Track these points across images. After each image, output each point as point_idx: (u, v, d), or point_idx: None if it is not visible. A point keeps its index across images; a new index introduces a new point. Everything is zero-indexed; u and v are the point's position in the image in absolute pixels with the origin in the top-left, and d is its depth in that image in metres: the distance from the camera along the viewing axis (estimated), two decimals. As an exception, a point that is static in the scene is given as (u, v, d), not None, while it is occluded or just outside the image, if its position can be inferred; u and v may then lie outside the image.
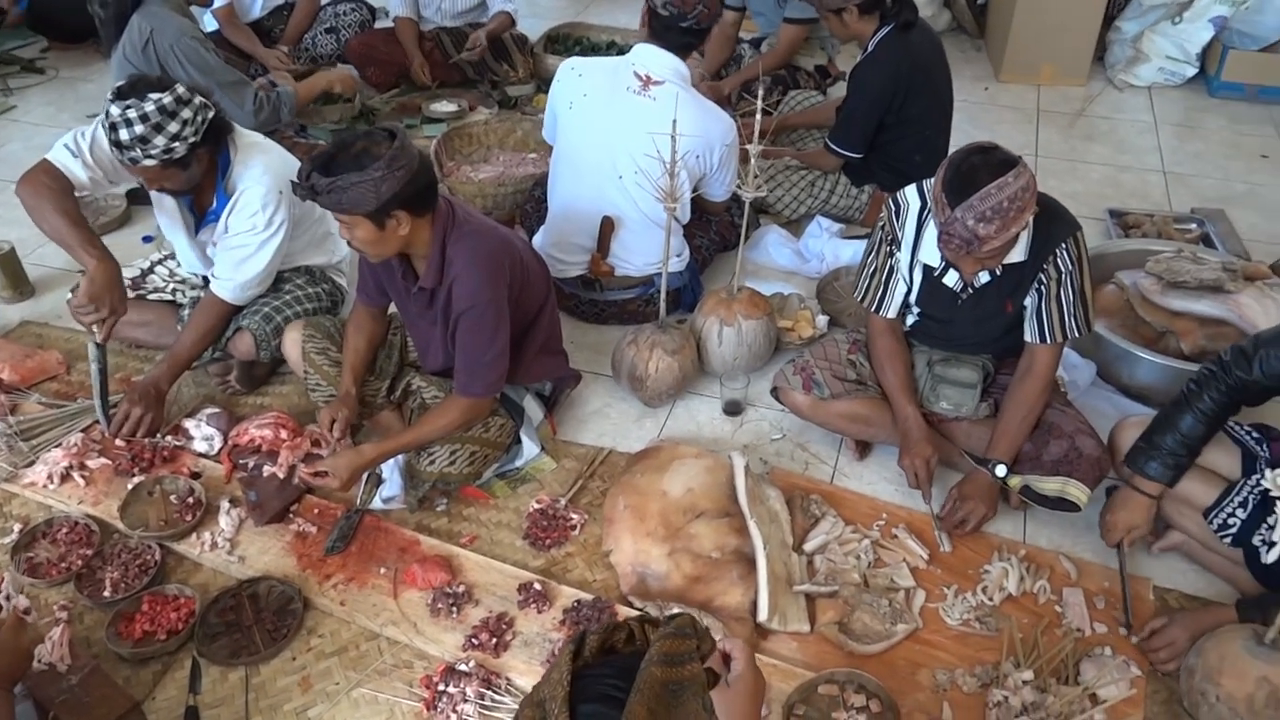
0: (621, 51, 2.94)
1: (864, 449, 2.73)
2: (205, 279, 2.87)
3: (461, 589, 2.26)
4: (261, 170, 2.63)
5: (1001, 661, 2.15)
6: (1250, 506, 2.22)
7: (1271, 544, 1.90)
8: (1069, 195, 3.98)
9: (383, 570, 2.34)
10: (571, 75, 2.93)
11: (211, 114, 2.52)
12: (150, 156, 2.43)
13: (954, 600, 2.30)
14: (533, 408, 2.66)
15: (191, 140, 2.47)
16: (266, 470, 2.55)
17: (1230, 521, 2.25)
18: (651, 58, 2.83)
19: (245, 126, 3.14)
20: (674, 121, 2.42)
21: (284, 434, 2.63)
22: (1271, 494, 1.78)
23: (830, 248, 3.46)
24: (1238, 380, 2.18)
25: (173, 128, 2.42)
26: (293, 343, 2.66)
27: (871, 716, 2.00)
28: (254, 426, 2.66)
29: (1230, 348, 2.23)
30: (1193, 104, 4.80)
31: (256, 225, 2.65)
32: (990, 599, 2.31)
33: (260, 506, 2.47)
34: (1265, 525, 2.14)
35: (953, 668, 2.15)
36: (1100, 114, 4.72)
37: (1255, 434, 2.32)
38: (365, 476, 2.50)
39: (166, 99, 2.41)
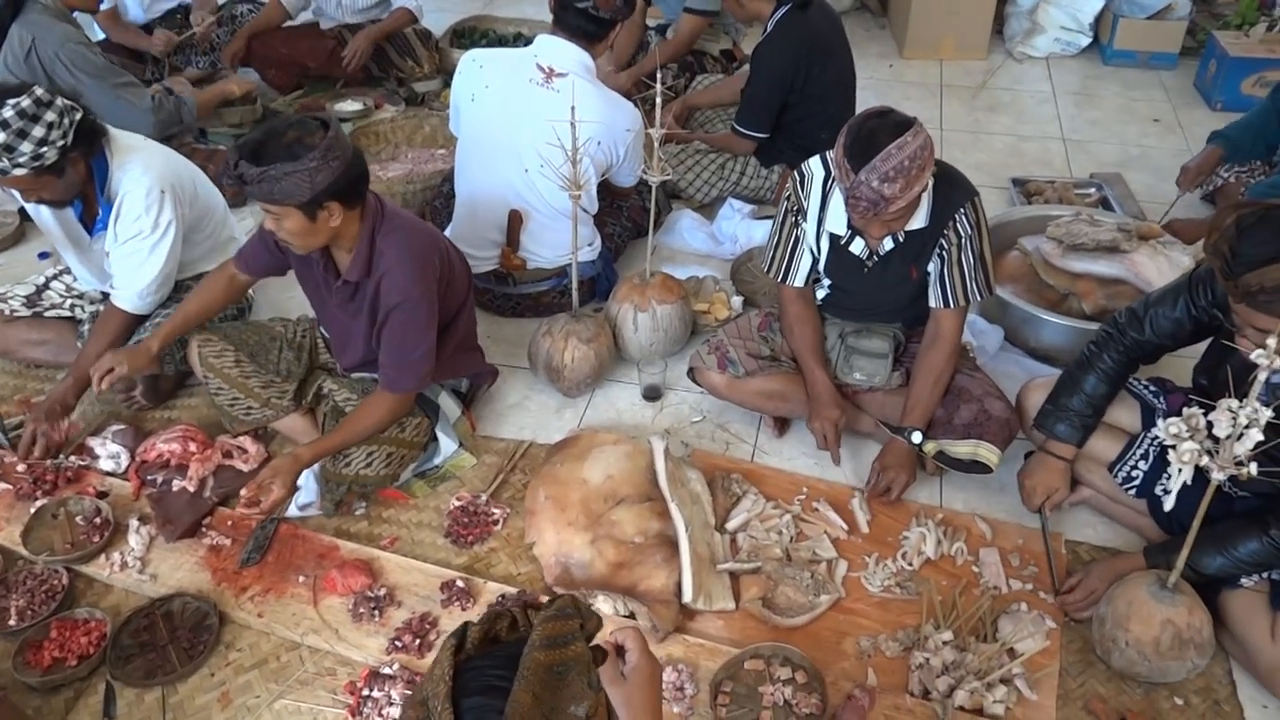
0: (529, 43, 2.90)
1: (782, 425, 2.76)
2: (105, 293, 2.78)
3: (383, 592, 2.23)
4: (140, 171, 2.55)
5: (922, 624, 2.20)
6: (1151, 458, 2.30)
7: (1169, 492, 1.96)
8: (974, 166, 4.07)
9: (301, 578, 2.29)
10: (473, 67, 2.90)
11: (79, 115, 2.43)
12: (19, 165, 2.34)
13: (875, 568, 2.34)
14: (449, 405, 2.63)
15: (61, 144, 2.38)
16: (176, 485, 2.49)
17: (1133, 474, 2.33)
18: (554, 49, 2.81)
19: (145, 129, 3.06)
20: (572, 109, 2.40)
21: (193, 447, 2.57)
22: (1165, 442, 1.84)
23: (743, 229, 3.48)
24: (1133, 340, 2.25)
25: (38, 132, 2.33)
26: (195, 352, 2.60)
27: (798, 688, 2.02)
28: (162, 441, 2.58)
29: (1124, 310, 2.30)
30: (1088, 72, 4.93)
31: (143, 229, 2.57)
32: (910, 564, 2.35)
33: (171, 522, 2.41)
34: (1165, 475, 2.21)
35: (876, 634, 2.19)
36: (1001, 86, 4.82)
37: (1153, 388, 2.40)
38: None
39: (25, 102, 2.32)
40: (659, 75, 2.55)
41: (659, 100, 2.54)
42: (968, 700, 2.00)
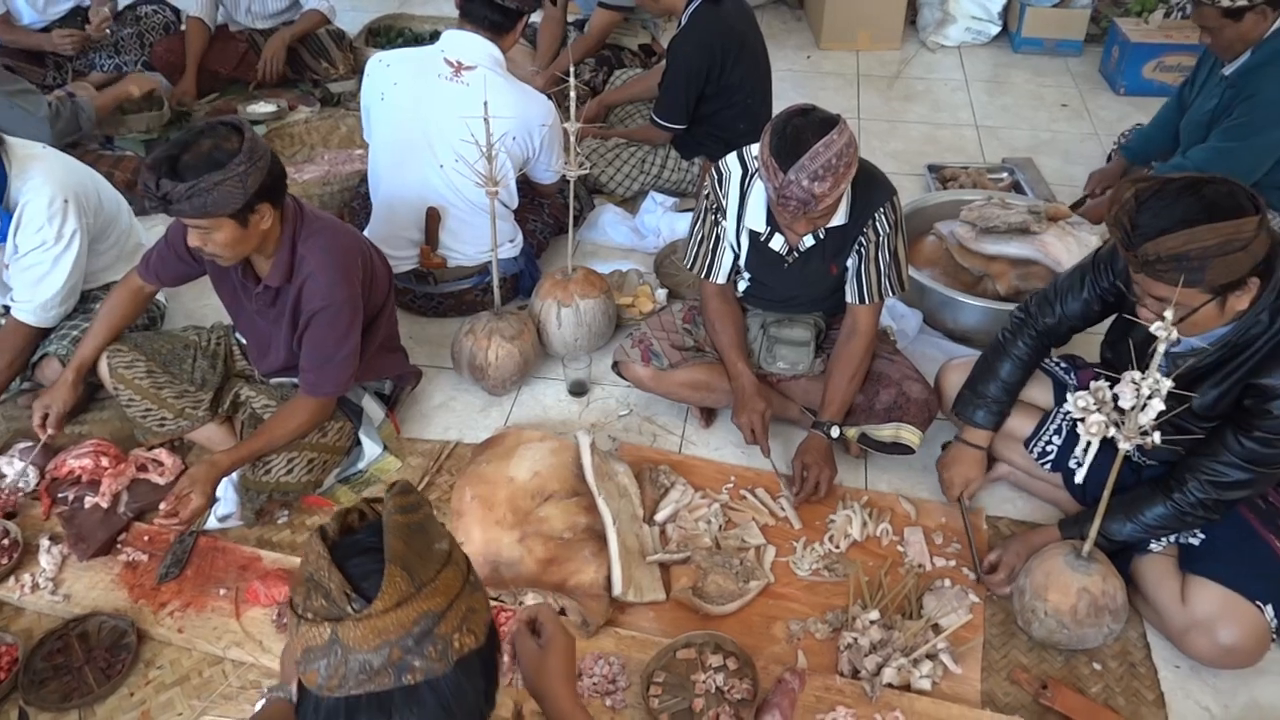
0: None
1: (709, 416, 2.77)
2: (5, 307, 2.68)
3: (308, 600, 2.18)
4: (41, 180, 2.47)
5: (850, 605, 2.23)
6: (1064, 433, 2.36)
7: (1081, 464, 2.01)
8: (891, 154, 4.14)
9: (223, 591, 2.24)
10: (380, 67, 2.86)
11: None
12: None
13: (803, 552, 2.37)
14: (372, 408, 2.59)
15: None
16: (88, 501, 2.41)
17: (1048, 449, 2.39)
18: (462, 43, 2.78)
19: (41, 137, 2.95)
20: (485, 104, 2.38)
21: (105, 462, 2.49)
22: (1074, 416, 1.89)
23: (666, 222, 3.49)
24: (1045, 325, 2.31)
25: None
26: (104, 363, 2.52)
27: (729, 674, 2.04)
28: (72, 457, 2.50)
29: (1034, 295, 2.36)
30: (999, 60, 5.05)
31: (46, 240, 2.49)
32: (837, 547, 2.38)
33: (84, 540, 2.33)
34: (1078, 448, 2.27)
35: (805, 617, 2.21)
36: (916, 75, 4.90)
37: (1064, 365, 2.47)
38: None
39: None
40: (571, 70, 2.53)
41: (573, 95, 2.53)
42: (895, 677, 2.03)
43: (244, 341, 2.62)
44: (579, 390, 2.86)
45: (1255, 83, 2.91)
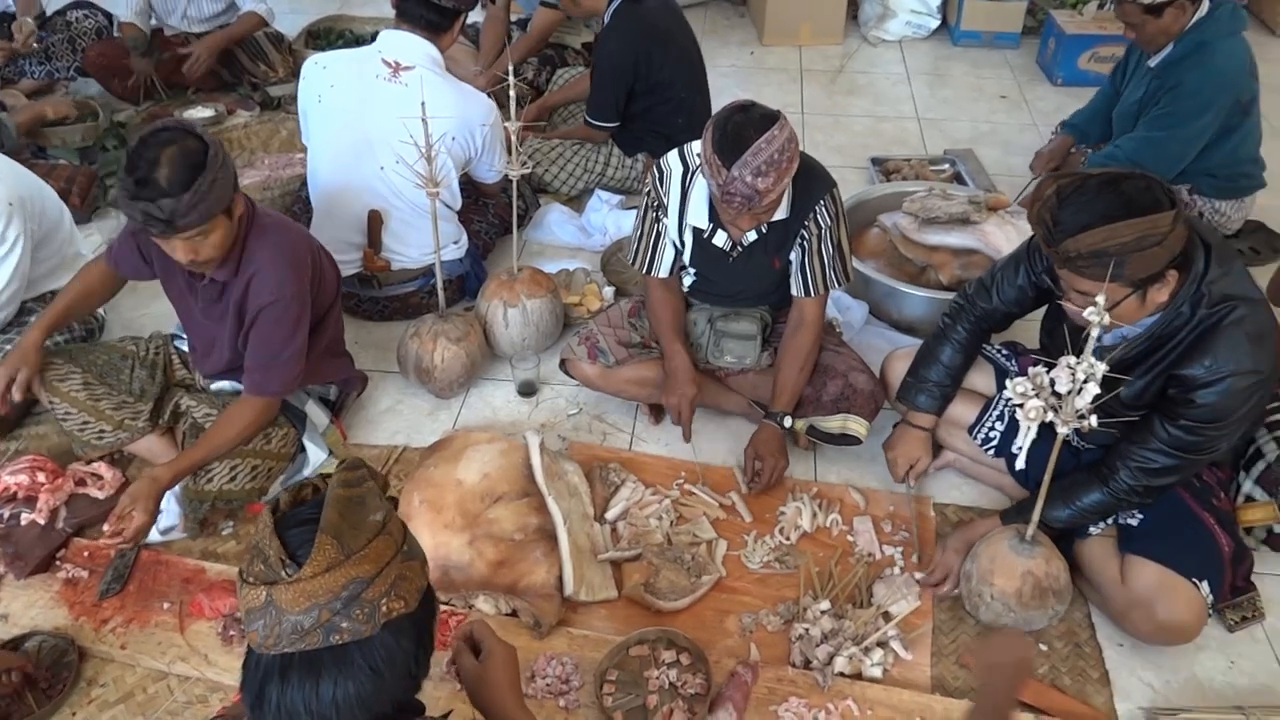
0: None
1: (658, 412, 2.78)
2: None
3: (255, 611, 2.15)
4: None
5: (801, 596, 2.24)
6: (1006, 419, 2.39)
7: (1021, 449, 2.05)
8: (835, 148, 4.18)
9: (166, 605, 2.20)
10: (316, 70, 2.82)
11: None
12: None
13: (754, 545, 2.38)
14: (316, 413, 2.55)
15: None
16: (25, 518, 2.35)
17: (991, 435, 2.42)
18: (399, 43, 2.76)
19: None
20: (423, 105, 2.36)
21: (42, 477, 2.43)
22: (1013, 402, 1.92)
23: (612, 219, 3.48)
24: (983, 310, 2.34)
25: None
26: (38, 376, 2.45)
27: (683, 669, 2.04)
28: (7, 473, 2.43)
29: (973, 281, 2.39)
30: (939, 53, 5.11)
31: None
32: (788, 539, 2.40)
33: (21, 558, 2.27)
34: (1019, 433, 2.31)
35: (757, 609, 2.23)
36: (858, 69, 4.95)
37: (1005, 351, 2.51)
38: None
39: None
40: (510, 70, 2.52)
41: (512, 94, 2.52)
42: (847, 666, 2.05)
43: (184, 349, 2.58)
44: (528, 390, 2.85)
45: (1178, 74, 2.98)
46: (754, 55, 5.09)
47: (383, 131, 2.67)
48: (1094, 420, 1.81)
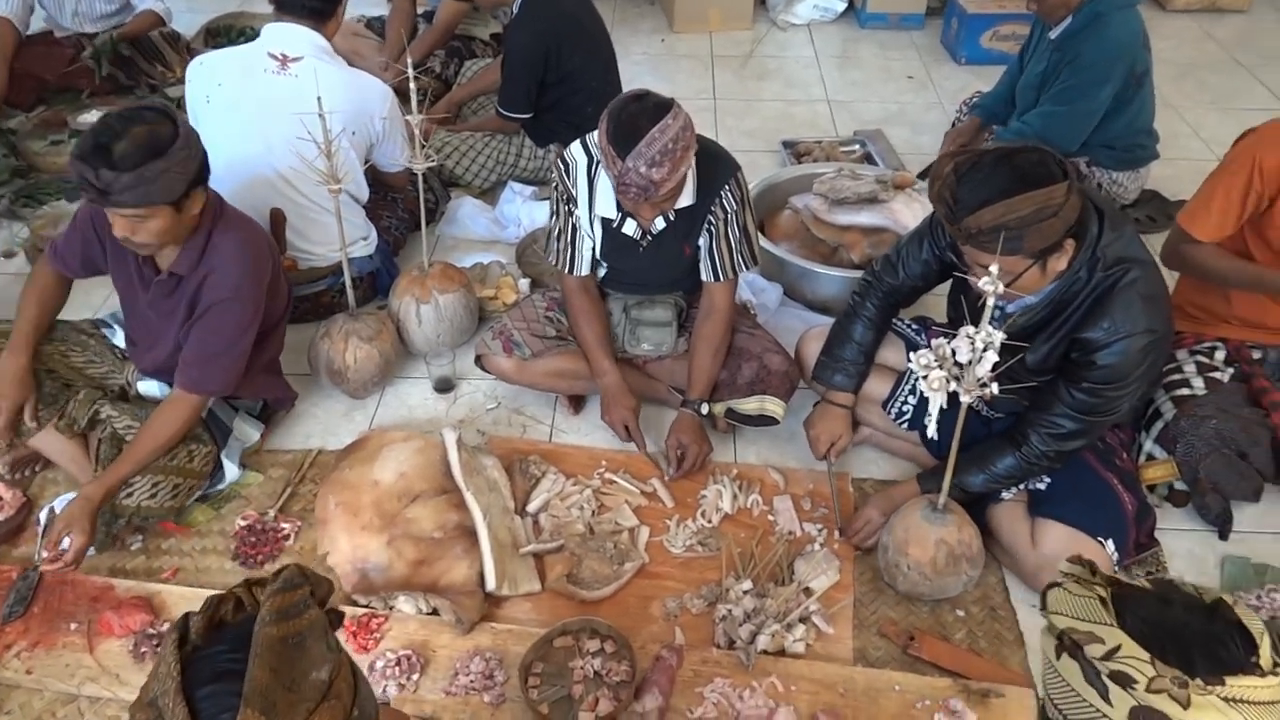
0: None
1: (577, 403, 2.77)
2: None
3: (166, 627, 2.09)
4: None
5: (723, 578, 2.25)
6: (919, 392, 2.42)
7: (930, 419, 2.09)
8: (747, 132, 4.20)
9: (74, 626, 2.12)
10: (201, 70, 2.74)
11: None
12: None
13: (676, 530, 2.38)
14: (243, 429, 2.49)
15: None
16: (-82, 545, 2.26)
17: (904, 409, 2.47)
18: (283, 34, 2.69)
19: None
20: (319, 99, 2.31)
21: (-65, 501, 2.33)
22: (918, 374, 1.96)
23: (526, 211, 3.46)
24: (890, 286, 2.38)
25: None
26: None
27: (607, 658, 2.04)
28: (-102, 499, 2.34)
29: (880, 258, 2.42)
30: (847, 36, 5.18)
31: None
32: (709, 521, 2.41)
33: (-86, 586, 2.18)
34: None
35: (681, 593, 2.23)
36: (768, 54, 4.99)
37: (915, 326, 2.55)
38: (42, 530, 2.26)
39: None
40: (409, 62, 2.48)
41: (413, 88, 2.48)
42: (770, 643, 2.07)
43: (115, 340, 2.51)
44: (445, 387, 2.82)
45: (1076, 46, 3.06)
46: (665, 43, 5.09)
47: (277, 126, 2.60)
48: (995, 388, 1.84)
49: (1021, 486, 2.24)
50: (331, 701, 0.92)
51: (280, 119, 2.57)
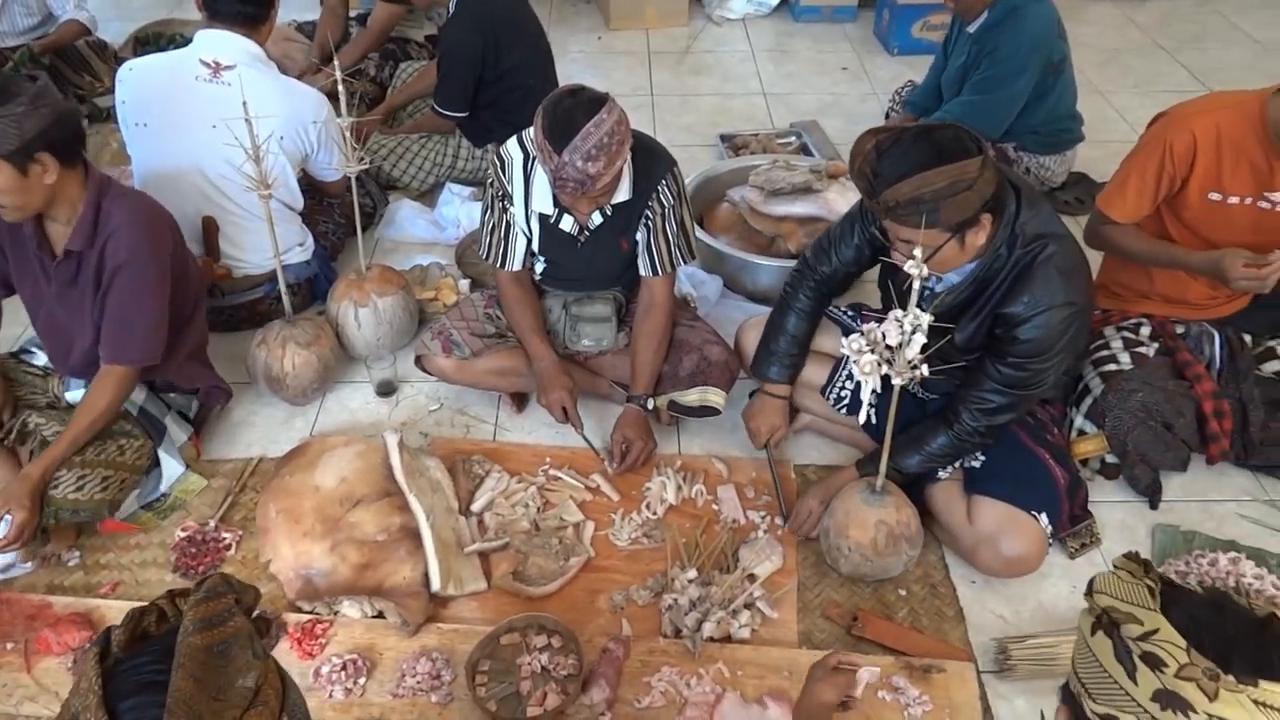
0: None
1: (520, 401, 2.77)
2: None
3: (105, 642, 2.06)
4: None
5: (669, 568, 2.27)
6: (855, 377, 2.47)
7: (862, 404, 2.12)
8: (685, 127, 4.23)
9: (10, 645, 2.08)
10: (130, 76, 2.70)
11: None
12: None
13: (621, 523, 2.40)
14: (175, 428, 2.46)
15: None
16: None
17: (842, 394, 2.50)
18: (216, 42, 2.66)
19: None
20: (245, 105, 2.29)
21: None
22: (851, 359, 1.99)
23: (465, 212, 3.45)
24: (823, 274, 2.41)
25: None
26: None
27: (554, 652, 2.05)
28: None
29: (812, 245, 2.46)
30: (782, 30, 5.23)
31: None
32: (654, 513, 2.43)
33: None
34: (863, 390, 2.39)
35: (627, 585, 2.25)
36: (704, 49, 5.02)
37: (850, 312, 2.58)
38: None
39: None
40: (337, 65, 2.46)
41: (341, 90, 2.47)
42: (715, 630, 2.09)
43: (35, 362, 2.48)
44: (386, 390, 2.80)
45: (994, 39, 3.14)
46: (602, 40, 5.10)
47: (209, 135, 2.56)
48: (926, 369, 1.88)
49: (958, 464, 2.29)
50: (259, 708, 0.91)
51: (211, 127, 2.54)
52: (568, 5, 5.47)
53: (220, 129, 2.43)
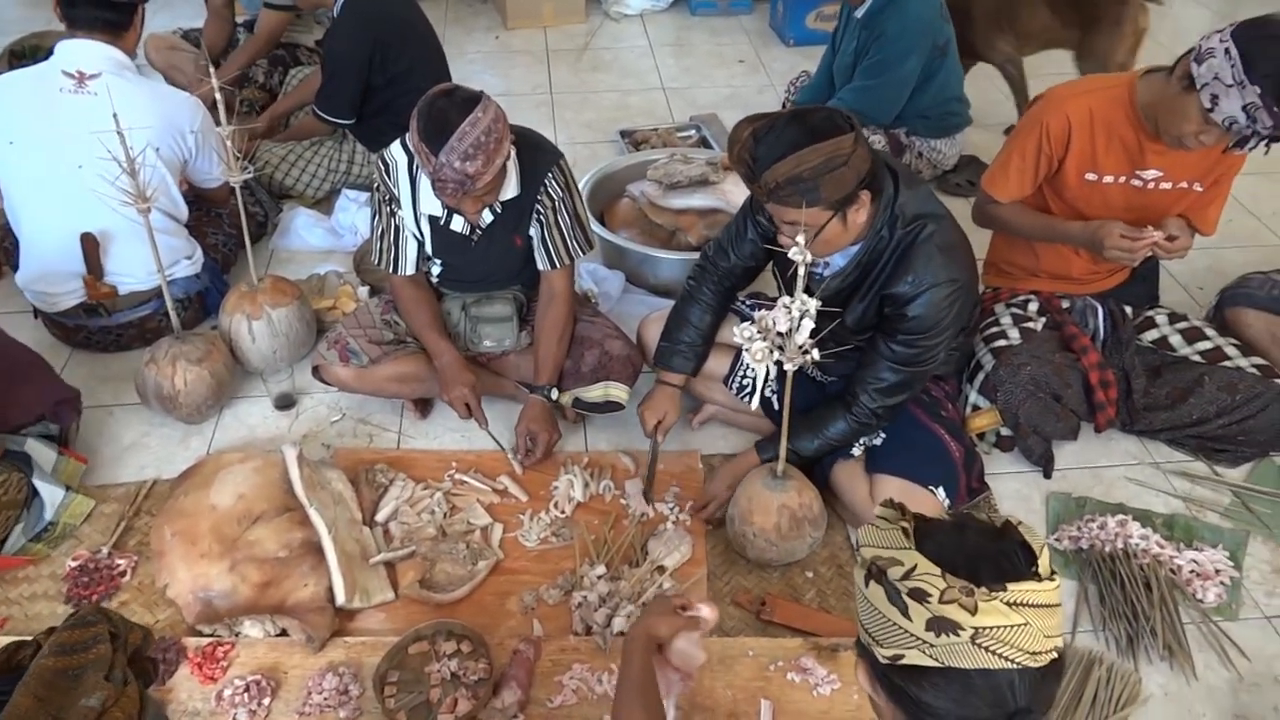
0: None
1: (424, 407, 2.73)
2: None
3: (-8, 681, 1.98)
4: None
5: (579, 566, 2.27)
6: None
7: (756, 390, 2.15)
8: (585, 124, 4.23)
9: (-112, 692, 1.99)
10: None
11: None
12: None
13: (530, 523, 2.38)
14: (40, 451, 2.35)
15: None
16: None
17: (745, 383, 2.53)
18: (78, 51, 2.57)
19: None
20: (115, 116, 2.21)
21: None
22: (743, 346, 2.01)
23: (362, 218, 3.38)
24: (724, 269, 2.44)
25: None
26: None
27: (464, 658, 2.03)
28: None
29: (713, 241, 2.48)
30: (679, 24, 5.25)
31: None
32: (563, 512, 2.42)
33: None
34: (767, 378, 2.42)
35: (537, 585, 2.24)
36: (603, 45, 5.02)
37: (751, 303, 2.61)
38: None
39: None
40: (211, 71, 2.40)
41: (219, 97, 2.40)
42: (625, 624, 2.09)
43: None
44: (285, 403, 2.74)
45: (881, 23, 3.20)
46: (499, 40, 5.06)
47: (79, 148, 2.46)
48: (816, 354, 1.90)
49: (862, 444, 2.32)
50: None
51: (81, 139, 2.44)
52: (464, 5, 5.41)
53: (91, 141, 2.34)
